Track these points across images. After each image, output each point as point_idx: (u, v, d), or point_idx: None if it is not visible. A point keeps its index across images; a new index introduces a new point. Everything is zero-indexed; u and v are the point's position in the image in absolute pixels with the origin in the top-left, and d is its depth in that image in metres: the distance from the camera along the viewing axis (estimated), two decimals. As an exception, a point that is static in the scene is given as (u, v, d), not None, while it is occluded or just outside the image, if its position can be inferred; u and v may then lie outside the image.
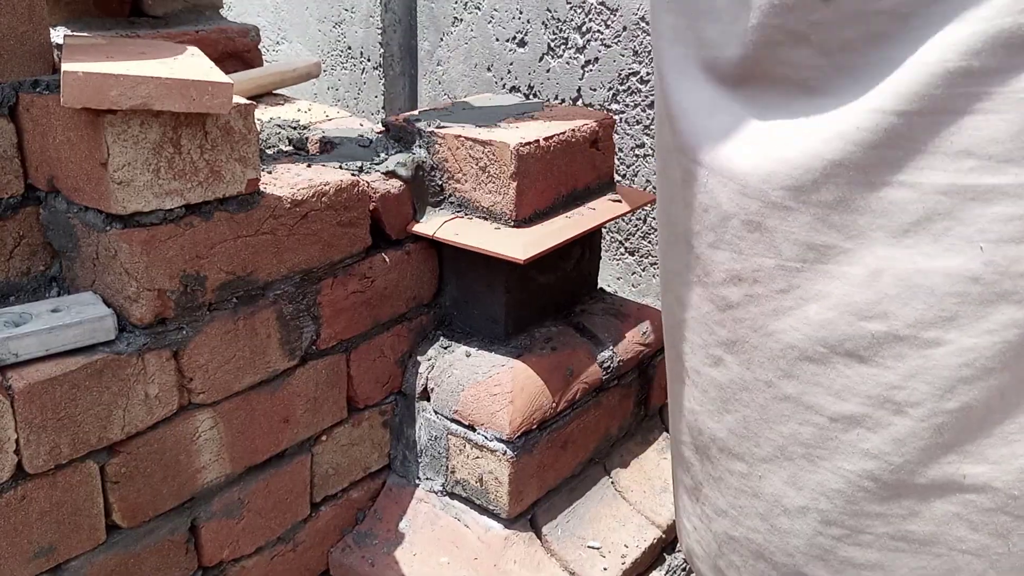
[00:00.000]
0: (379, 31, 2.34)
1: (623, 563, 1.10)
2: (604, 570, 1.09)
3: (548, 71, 2.03)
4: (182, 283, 0.86)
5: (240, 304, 0.93)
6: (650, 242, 1.95)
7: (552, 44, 2.01)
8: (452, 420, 1.10)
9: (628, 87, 1.89)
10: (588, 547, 1.11)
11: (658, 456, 1.28)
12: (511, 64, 2.10)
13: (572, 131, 1.13)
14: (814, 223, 0.66)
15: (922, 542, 0.68)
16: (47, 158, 0.87)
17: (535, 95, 2.08)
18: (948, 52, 0.57)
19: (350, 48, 2.50)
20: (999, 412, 0.62)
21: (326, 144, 1.14)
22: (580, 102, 1.99)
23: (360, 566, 1.09)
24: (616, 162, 1.88)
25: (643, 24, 1.83)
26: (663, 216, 0.85)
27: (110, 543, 0.89)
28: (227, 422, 0.95)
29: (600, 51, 1.92)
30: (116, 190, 0.79)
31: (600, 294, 1.32)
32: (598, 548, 1.12)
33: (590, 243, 1.26)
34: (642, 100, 1.87)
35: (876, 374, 0.65)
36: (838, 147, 0.63)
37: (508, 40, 2.09)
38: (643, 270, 1.99)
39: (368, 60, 2.41)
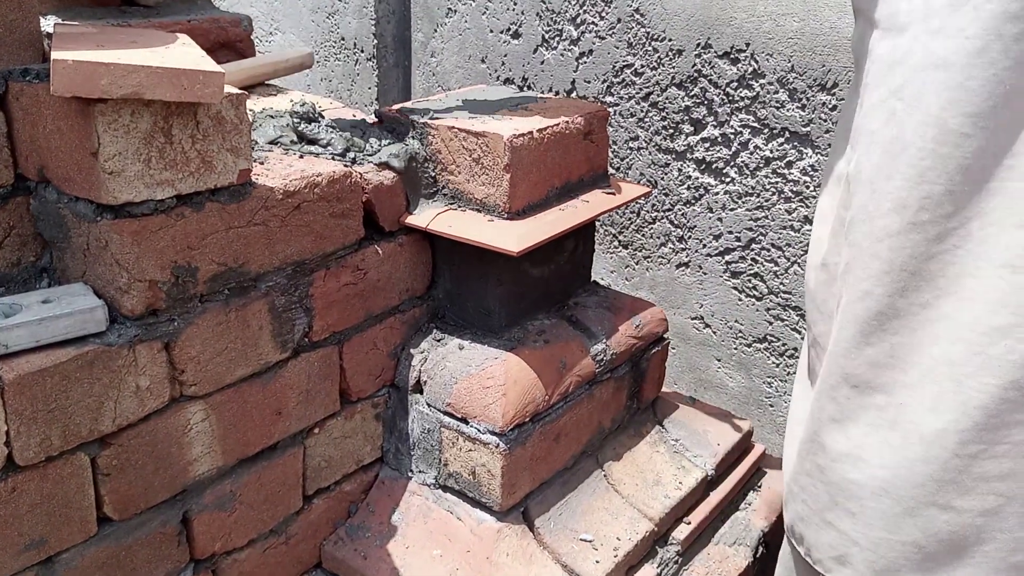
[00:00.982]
0: (372, 22, 2.33)
1: (615, 556, 1.11)
2: (596, 563, 1.09)
3: (542, 63, 2.03)
4: (173, 274, 0.86)
5: (232, 296, 0.93)
6: (643, 235, 1.95)
7: (546, 36, 2.00)
8: (445, 413, 1.10)
9: (622, 79, 1.89)
10: (580, 540, 1.12)
11: (650, 449, 1.28)
12: (505, 56, 2.09)
13: (566, 123, 1.12)
14: (987, 146, 0.70)
15: None
16: (37, 148, 0.86)
17: (529, 87, 2.07)
18: None
19: (343, 39, 2.49)
20: None
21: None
22: (574, 94, 1.98)
23: (353, 559, 1.09)
24: (610, 155, 1.88)
25: (637, 16, 1.82)
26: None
27: (101, 535, 0.88)
28: (219, 414, 0.95)
29: (594, 43, 1.92)
30: (107, 180, 0.78)
31: (594, 287, 1.31)
32: (590, 541, 1.12)
33: (584, 236, 1.26)
34: (636, 92, 1.87)
35: None
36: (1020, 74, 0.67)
37: (502, 32, 2.08)
38: (636, 263, 1.99)
39: (361, 51, 2.40)
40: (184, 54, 0.83)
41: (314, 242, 0.99)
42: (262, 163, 1.00)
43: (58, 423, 0.80)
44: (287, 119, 1.12)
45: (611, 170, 1.91)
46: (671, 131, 1.83)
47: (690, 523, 1.24)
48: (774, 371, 1.82)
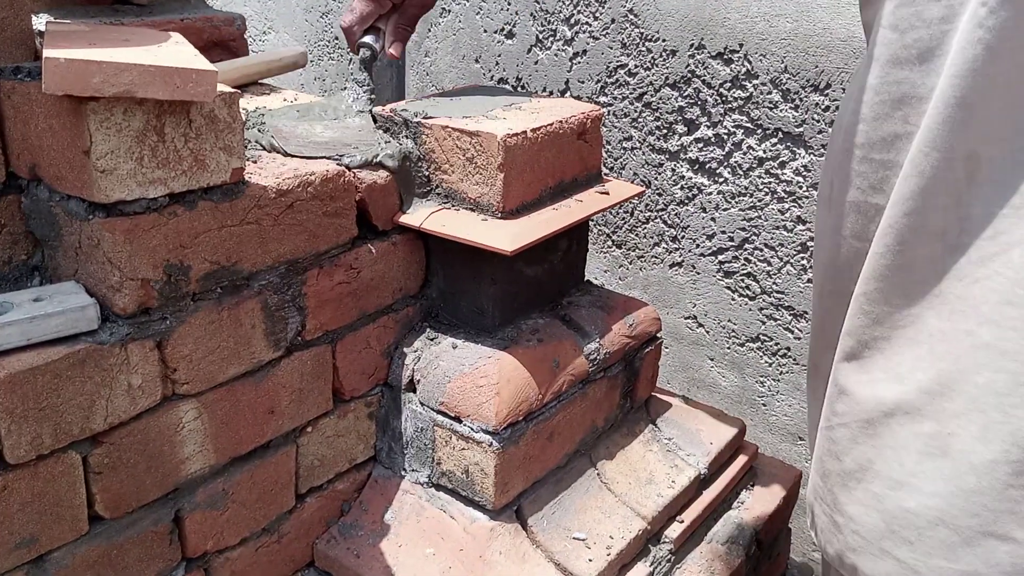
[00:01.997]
0: (366, 21, 2.32)
1: (608, 554, 1.11)
2: (589, 561, 1.09)
3: (536, 63, 2.03)
4: (166, 273, 0.86)
5: (224, 294, 0.92)
6: (637, 235, 1.95)
7: (540, 36, 2.00)
8: (438, 412, 1.10)
9: (616, 79, 1.89)
10: (573, 538, 1.12)
11: (643, 448, 1.29)
12: (499, 56, 2.10)
13: (560, 123, 1.13)
14: None
15: None
16: (29, 146, 0.86)
17: (523, 87, 2.07)
18: None
19: (337, 38, 2.48)
20: None
21: (312, 134, 1.13)
22: (568, 94, 1.98)
23: (345, 557, 1.09)
24: (604, 155, 1.88)
25: (631, 16, 1.83)
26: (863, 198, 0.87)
27: (93, 534, 0.88)
28: (211, 413, 0.95)
29: (588, 43, 1.92)
30: (99, 178, 0.78)
31: (587, 286, 1.32)
32: (583, 539, 1.12)
33: (577, 235, 1.26)
34: (630, 93, 1.87)
35: None
36: None
37: (496, 31, 2.08)
38: (630, 263, 1.99)
39: (355, 51, 2.40)
40: (177, 53, 0.83)
41: (307, 241, 0.99)
42: (255, 162, 1.00)
43: (49, 421, 0.80)
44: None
45: (605, 170, 1.91)
46: (665, 131, 1.84)
47: (683, 522, 1.24)
48: (767, 370, 1.82)
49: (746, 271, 1.79)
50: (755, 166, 1.72)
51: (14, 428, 0.78)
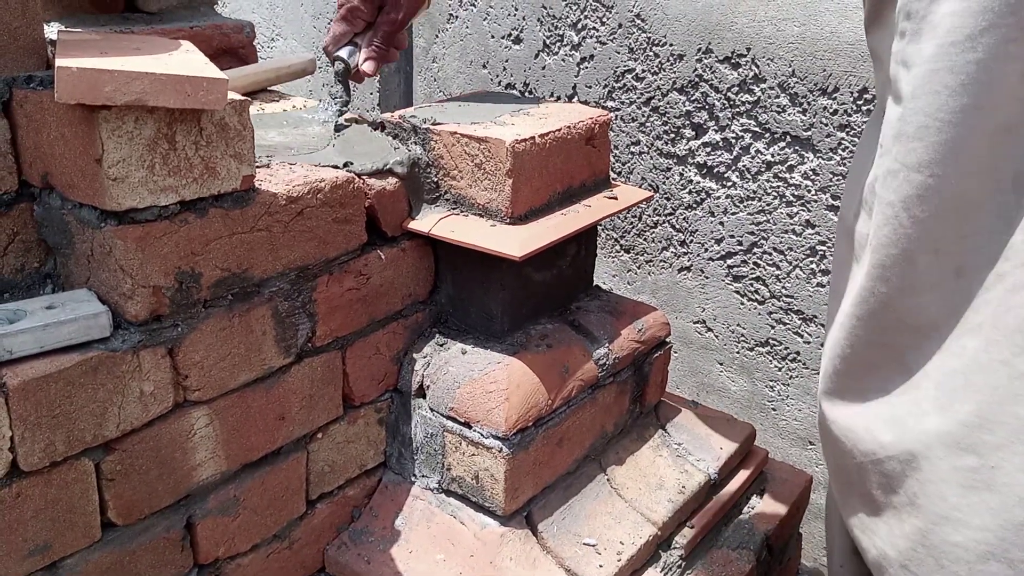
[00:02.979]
0: (374, 28, 2.33)
1: (619, 560, 1.11)
2: (600, 567, 1.09)
3: (543, 68, 2.03)
4: (177, 280, 0.86)
5: (235, 301, 0.93)
6: (645, 240, 1.95)
7: (547, 41, 2.01)
8: (448, 417, 1.10)
9: (623, 84, 1.89)
10: (584, 544, 1.12)
11: (653, 453, 1.28)
12: (506, 61, 2.10)
13: (568, 128, 1.13)
14: None
15: None
16: (41, 154, 0.87)
17: (531, 92, 2.08)
18: None
19: (345, 45, 2.49)
20: None
21: (321, 141, 1.14)
22: (576, 99, 1.99)
23: (356, 563, 1.09)
24: (612, 159, 1.89)
25: (638, 21, 1.83)
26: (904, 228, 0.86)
27: (105, 541, 0.88)
28: (222, 419, 0.95)
29: (595, 48, 1.92)
30: (111, 186, 0.79)
31: (596, 291, 1.32)
32: (594, 545, 1.12)
33: (586, 240, 1.26)
34: (637, 97, 1.87)
35: None
36: None
37: (503, 37, 2.09)
38: (638, 267, 1.99)
39: (363, 57, 2.40)
40: (187, 61, 0.84)
41: (317, 247, 1.00)
42: (267, 167, 1.01)
43: (62, 428, 0.81)
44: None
45: (612, 175, 1.91)
46: (672, 136, 1.84)
47: (693, 527, 1.24)
48: (776, 375, 1.82)
49: (755, 275, 1.79)
50: (763, 170, 1.72)
51: (28, 435, 0.78)
